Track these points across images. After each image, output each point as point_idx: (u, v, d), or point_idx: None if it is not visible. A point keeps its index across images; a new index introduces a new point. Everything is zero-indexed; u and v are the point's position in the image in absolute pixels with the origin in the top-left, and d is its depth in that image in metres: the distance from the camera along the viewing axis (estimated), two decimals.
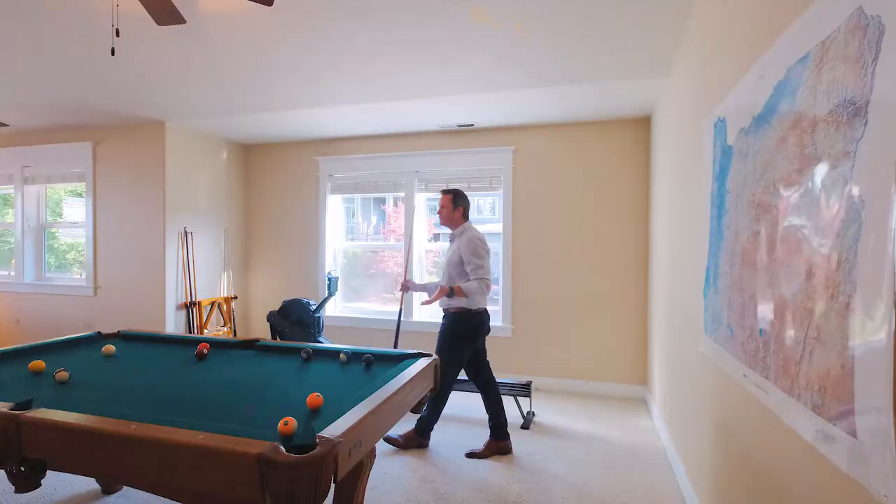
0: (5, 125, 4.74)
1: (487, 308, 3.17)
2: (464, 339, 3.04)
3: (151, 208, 4.51)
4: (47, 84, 3.79)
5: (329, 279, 4.26)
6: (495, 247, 4.66)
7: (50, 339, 2.74)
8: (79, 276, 5.02)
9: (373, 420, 1.65)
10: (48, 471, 1.64)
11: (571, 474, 2.82)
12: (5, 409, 1.63)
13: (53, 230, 5.22)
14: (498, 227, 4.68)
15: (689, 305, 2.46)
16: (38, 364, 2.21)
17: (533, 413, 3.71)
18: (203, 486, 1.39)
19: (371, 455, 2.19)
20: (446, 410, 3.83)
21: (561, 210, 4.40)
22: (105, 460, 1.50)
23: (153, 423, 1.51)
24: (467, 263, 2.96)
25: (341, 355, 2.42)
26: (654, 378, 3.78)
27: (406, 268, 3.63)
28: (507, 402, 3.92)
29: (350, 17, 2.73)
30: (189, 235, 4.70)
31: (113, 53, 2.24)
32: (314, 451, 1.33)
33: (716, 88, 2.04)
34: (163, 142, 4.47)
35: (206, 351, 2.49)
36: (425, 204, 5.03)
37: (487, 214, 5.47)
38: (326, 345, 2.77)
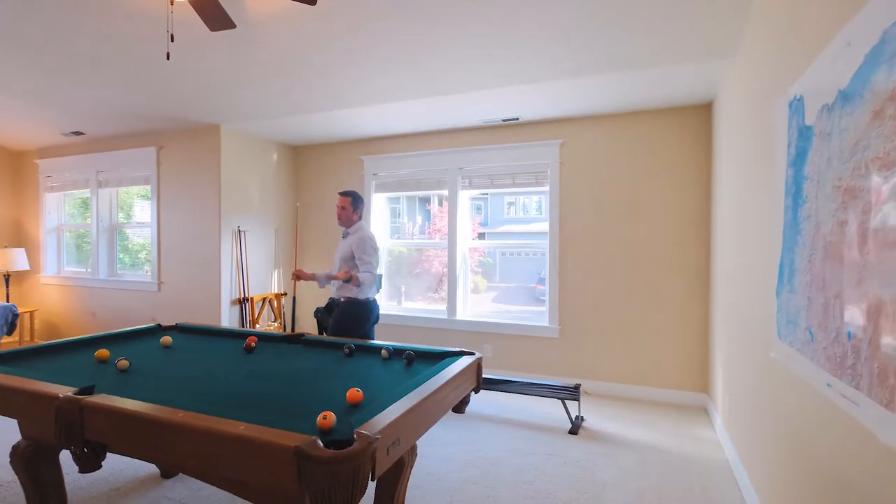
0: (81, 133, 5.11)
1: (372, 299, 3.48)
2: (358, 320, 3.32)
3: (208, 208, 4.71)
4: (115, 94, 4.05)
5: None
6: (542, 244, 4.53)
7: (116, 330, 2.90)
8: (146, 273, 5.33)
9: (412, 418, 1.60)
10: (109, 454, 1.72)
11: (623, 483, 2.66)
12: (70, 394, 1.71)
13: (125, 230, 5.57)
14: (543, 227, 4.54)
15: (759, 306, 2.25)
16: (103, 353, 2.33)
17: (582, 418, 3.55)
18: (244, 477, 1.39)
19: (412, 453, 2.14)
20: (494, 411, 3.75)
21: (612, 205, 4.20)
22: (155, 446, 1.54)
23: (200, 413, 1.53)
24: (357, 259, 3.26)
25: (383, 351, 2.40)
26: (716, 386, 3.52)
27: (296, 258, 4.35)
28: (555, 406, 3.80)
29: (393, 15, 2.72)
30: (242, 234, 4.87)
31: (168, 58, 2.32)
32: (351, 447, 1.29)
33: (790, 64, 1.84)
34: (218, 145, 4.66)
35: (253, 344, 2.54)
36: (469, 201, 4.96)
37: (533, 213, 5.33)
38: (369, 341, 2.76)
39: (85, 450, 1.70)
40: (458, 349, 2.40)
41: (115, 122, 4.74)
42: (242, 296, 4.84)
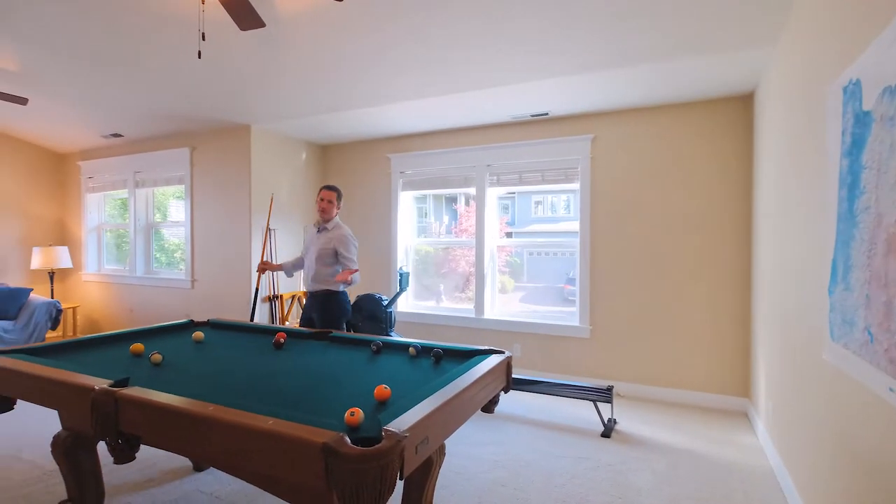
0: (120, 135, 5.29)
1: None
2: (344, 311, 3.47)
3: (239, 207, 4.80)
4: (151, 96, 4.17)
5: (400, 274, 4.27)
6: (571, 243, 4.43)
7: (150, 325, 2.97)
8: (181, 271, 5.48)
9: (441, 416, 1.56)
10: (144, 446, 1.75)
11: (659, 489, 2.56)
12: (105, 386, 1.74)
13: (160, 229, 5.74)
14: (572, 226, 4.43)
15: (807, 306, 2.12)
16: (138, 347, 2.38)
17: (614, 420, 3.44)
18: (272, 472, 1.38)
19: (441, 452, 2.11)
20: (524, 412, 3.68)
21: (645, 201, 4.07)
22: (185, 439, 1.55)
23: (229, 407, 1.53)
24: (342, 256, 3.34)
25: (411, 349, 2.37)
26: (758, 390, 3.36)
27: (263, 252, 4.32)
28: (586, 408, 3.70)
29: (420, 10, 2.70)
30: (272, 232, 4.94)
31: (199, 56, 2.36)
32: (379, 444, 1.26)
33: (843, 47, 1.72)
34: (249, 145, 4.74)
35: (282, 340, 2.55)
36: (497, 200, 4.89)
37: (562, 213, 5.21)
38: (396, 338, 2.74)
39: (119, 441, 1.73)
40: (486, 347, 2.35)
41: (151, 124, 4.88)
42: (272, 293, 4.91)
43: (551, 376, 4.33)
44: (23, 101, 4.00)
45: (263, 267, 3.62)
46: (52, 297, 5.47)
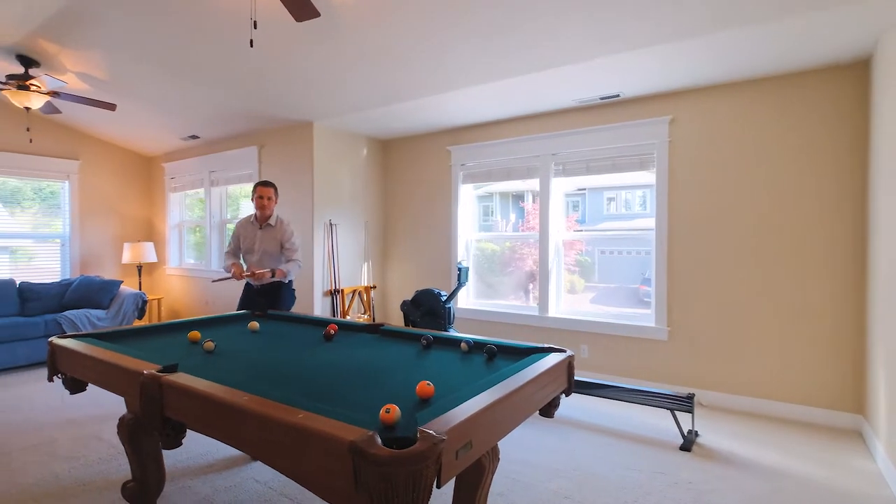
0: (197, 137, 5.60)
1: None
2: (293, 299, 3.63)
3: (302, 203, 4.89)
4: (222, 97, 4.35)
5: (459, 269, 4.11)
6: (646, 235, 4.05)
7: (211, 315, 3.05)
8: None
9: (488, 417, 1.38)
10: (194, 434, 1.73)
11: None
12: (153, 371, 1.74)
13: (231, 226, 6.01)
14: (647, 223, 4.04)
15: None
16: (195, 334, 2.42)
17: (696, 433, 3.06)
18: (300, 468, 1.27)
19: (494, 456, 1.92)
20: (590, 418, 3.39)
21: (734, 190, 3.60)
22: (220, 427, 1.49)
23: (267, 398, 1.46)
24: (287, 249, 3.42)
25: (462, 344, 2.20)
26: (876, 406, 2.83)
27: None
28: (662, 417, 3.34)
29: None
30: (333, 227, 4.99)
31: (251, 45, 2.34)
32: (412, 447, 1.11)
33: None
34: (311, 141, 4.81)
35: (333, 332, 2.49)
36: (563, 197, 4.59)
37: (637, 209, 4.78)
38: (449, 333, 2.59)
39: (164, 426, 1.72)
40: (546, 345, 2.13)
41: (223, 125, 5.11)
42: (333, 287, 4.96)
43: (622, 381, 3.97)
44: (111, 106, 4.31)
45: (258, 275, 3.38)
46: (140, 289, 5.92)
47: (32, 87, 3.99)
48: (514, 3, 2.65)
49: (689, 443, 2.91)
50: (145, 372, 1.72)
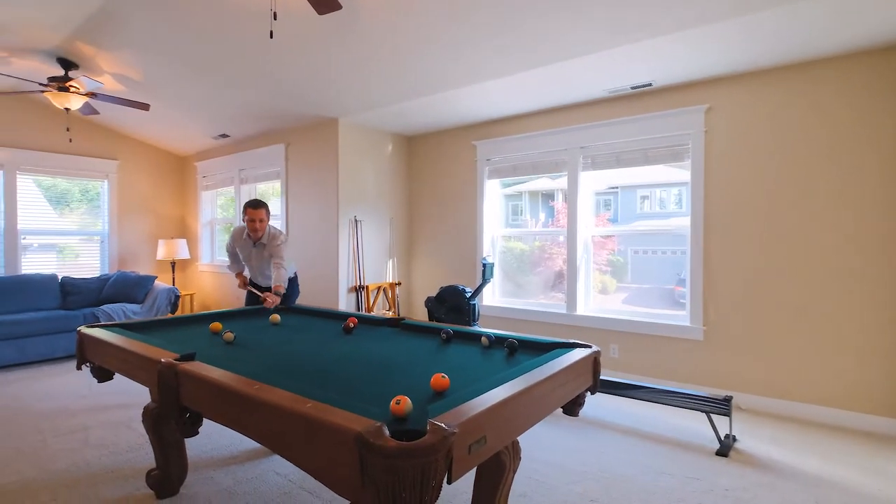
0: (227, 136, 5.72)
1: None
2: (298, 293, 3.82)
3: (327, 199, 4.91)
4: (248, 96, 4.41)
5: (484, 265, 4.03)
6: (681, 228, 3.87)
7: (235, 308, 3.07)
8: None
9: (505, 412, 1.30)
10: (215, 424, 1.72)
11: None
12: (170, 359, 1.74)
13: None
14: (680, 222, 3.86)
15: None
16: (217, 325, 2.44)
17: (734, 437, 2.88)
18: (309, 459, 1.23)
19: (515, 455, 1.84)
20: (619, 420, 3.25)
21: (777, 182, 3.39)
22: (233, 415, 1.48)
23: (280, 387, 1.43)
24: (276, 257, 3.36)
25: (483, 339, 2.13)
26: None
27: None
28: (696, 420, 3.17)
29: None
30: (358, 224, 4.99)
31: (271, 36, 2.34)
32: (421, 439, 1.05)
33: None
34: (336, 137, 4.83)
35: (352, 325, 2.46)
36: (593, 195, 4.43)
37: (672, 208, 4.57)
38: (470, 328, 2.52)
39: (180, 415, 1.72)
40: (570, 340, 2.03)
41: (251, 123, 5.19)
42: (358, 283, 4.96)
43: (654, 381, 3.81)
44: (145, 106, 4.44)
45: (274, 295, 3.36)
46: (173, 285, 6.09)
47: (72, 89, 4.14)
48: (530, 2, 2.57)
49: (726, 448, 2.74)
50: (163, 360, 1.72)
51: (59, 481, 2.41)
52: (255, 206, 3.33)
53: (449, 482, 1.09)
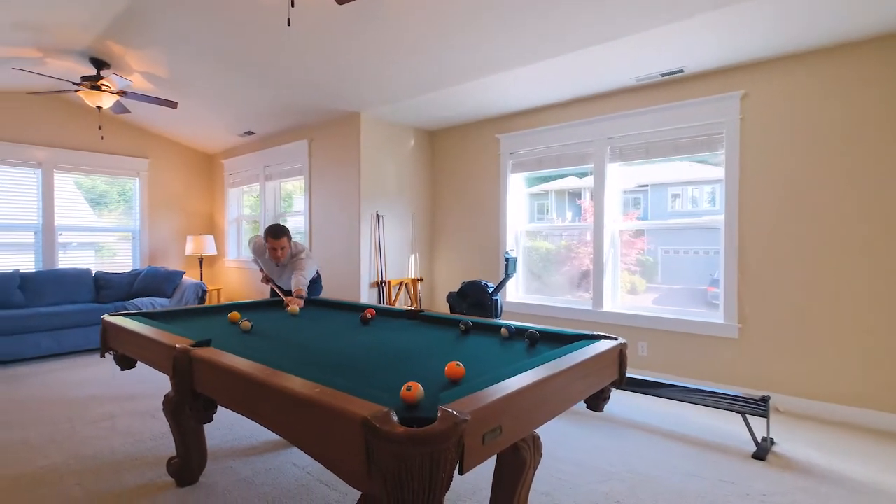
0: (252, 133, 5.79)
1: None
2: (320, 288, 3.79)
3: (349, 194, 4.91)
4: (272, 92, 4.45)
5: (507, 259, 3.95)
6: (715, 222, 3.69)
7: (256, 300, 3.08)
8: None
9: (522, 402, 1.23)
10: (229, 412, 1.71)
11: None
12: (185, 345, 1.74)
13: (286, 218, 6.18)
14: (718, 219, 3.68)
15: None
16: (235, 315, 2.43)
17: (772, 440, 2.72)
18: (317, 445, 1.18)
19: (536, 449, 1.75)
20: (647, 419, 3.12)
21: (818, 175, 3.19)
22: (244, 401, 1.45)
23: (287, 373, 1.39)
24: (298, 269, 3.25)
25: (503, 330, 2.06)
26: None
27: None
28: (731, 421, 3.01)
29: None
30: (380, 219, 4.97)
31: (289, 24, 2.32)
32: (430, 426, 0.98)
33: None
34: (358, 132, 4.82)
35: (370, 316, 2.42)
36: (623, 188, 4.28)
37: (705, 206, 4.37)
38: (490, 320, 2.44)
39: (195, 401, 1.71)
40: (595, 333, 1.93)
41: (276, 120, 5.24)
42: (380, 279, 4.94)
43: (684, 380, 3.65)
44: (173, 104, 4.52)
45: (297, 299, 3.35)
46: (201, 280, 6.21)
47: (103, 87, 4.25)
48: None
49: (763, 451, 2.58)
50: (177, 346, 1.71)
51: (85, 467, 2.45)
52: (277, 236, 3.22)
53: (461, 473, 1.02)
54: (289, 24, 2.31)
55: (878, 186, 2.98)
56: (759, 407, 2.64)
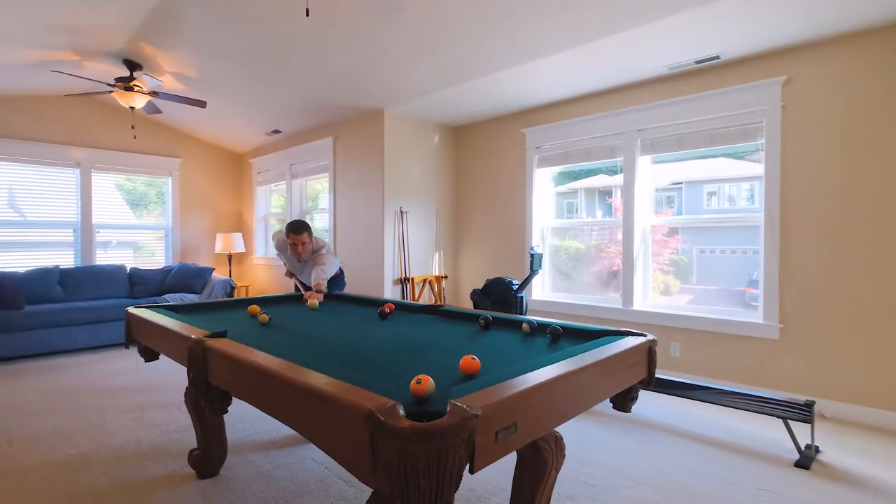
0: (279, 132, 5.86)
1: None
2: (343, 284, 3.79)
3: (373, 190, 4.90)
4: (298, 90, 4.47)
5: (532, 255, 3.84)
6: (753, 221, 3.49)
7: (276, 294, 3.09)
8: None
9: (540, 399, 1.15)
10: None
11: None
12: (200, 336, 1.72)
13: (312, 215, 6.23)
14: (755, 217, 3.49)
15: None
16: (254, 308, 2.43)
17: (817, 448, 2.53)
18: (325, 438, 1.13)
19: (558, 450, 1.66)
20: (679, 423, 2.97)
21: (868, 166, 2.97)
22: (255, 392, 1.42)
23: (301, 366, 1.35)
24: (318, 264, 3.27)
25: (524, 325, 1.97)
26: None
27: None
28: (772, 427, 2.83)
29: None
30: (404, 215, 4.94)
31: (308, 14, 2.30)
32: (438, 420, 0.92)
33: None
34: (382, 128, 4.80)
35: (388, 311, 2.38)
36: (652, 178, 4.11)
37: (743, 203, 4.15)
38: (511, 315, 2.36)
39: (209, 392, 1.69)
40: (623, 329, 1.83)
41: (302, 118, 5.28)
42: (403, 276, 4.91)
43: (721, 383, 3.46)
44: (202, 103, 4.61)
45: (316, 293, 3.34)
46: (229, 277, 6.33)
47: (136, 88, 4.37)
48: None
49: (807, 459, 2.41)
50: (193, 337, 1.70)
51: (111, 456, 2.50)
52: (297, 232, 3.27)
53: (472, 471, 0.96)
54: (307, 14, 2.28)
55: None
56: (803, 412, 2.47)
